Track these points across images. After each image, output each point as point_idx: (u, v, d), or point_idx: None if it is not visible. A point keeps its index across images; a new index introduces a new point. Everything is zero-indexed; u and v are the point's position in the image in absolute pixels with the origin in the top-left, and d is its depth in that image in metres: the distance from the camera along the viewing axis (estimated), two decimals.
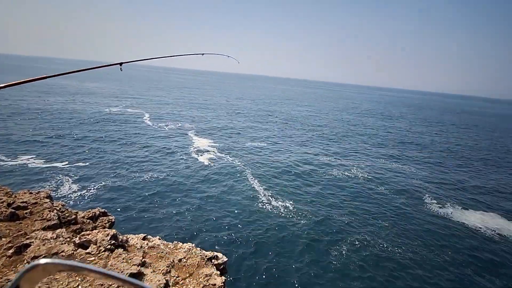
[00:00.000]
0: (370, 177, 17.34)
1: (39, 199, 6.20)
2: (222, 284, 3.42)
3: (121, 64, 4.09)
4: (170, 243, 4.22)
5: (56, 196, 11.48)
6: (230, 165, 16.97)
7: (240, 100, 58.12)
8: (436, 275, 8.61)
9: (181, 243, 4.22)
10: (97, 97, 41.62)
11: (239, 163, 17.48)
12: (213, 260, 3.93)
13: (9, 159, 14.57)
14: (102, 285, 2.83)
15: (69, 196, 11.59)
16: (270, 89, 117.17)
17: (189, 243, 4.18)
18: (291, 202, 12.60)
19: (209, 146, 20.93)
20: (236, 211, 11.36)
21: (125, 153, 17.54)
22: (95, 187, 12.41)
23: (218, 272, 3.79)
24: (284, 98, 74.47)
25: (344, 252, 9.32)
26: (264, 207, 11.97)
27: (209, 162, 17.08)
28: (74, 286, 2.75)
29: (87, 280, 2.85)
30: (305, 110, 49.04)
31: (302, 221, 11.02)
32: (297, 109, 49.82)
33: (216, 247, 8.57)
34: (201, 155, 18.36)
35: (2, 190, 6.73)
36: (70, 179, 12.97)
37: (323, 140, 26.78)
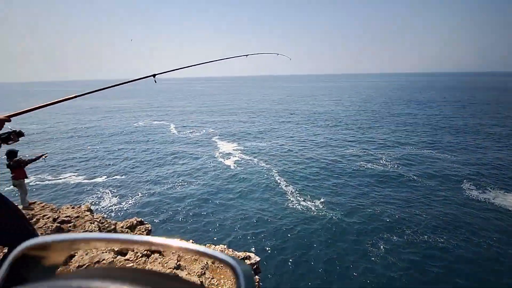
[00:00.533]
0: (401, 164, 16.48)
1: (80, 213, 6.63)
2: (257, 283, 3.40)
3: (154, 75, 4.26)
4: (203, 246, 4.29)
5: (97, 208, 12.23)
6: (255, 165, 17.02)
7: (259, 102, 58.25)
8: (487, 269, 7.90)
9: (214, 246, 4.28)
10: (125, 113, 43.91)
11: (264, 163, 17.48)
12: (246, 261, 3.93)
13: (53, 178, 15.81)
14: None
15: (109, 208, 12.28)
16: (283, 88, 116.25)
17: (221, 245, 4.22)
18: (319, 197, 12.33)
19: (233, 149, 21.15)
20: (264, 211, 11.34)
21: (155, 163, 18.30)
22: (131, 198, 13.04)
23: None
24: (300, 95, 73.35)
25: (381, 244, 8.89)
26: (293, 204, 11.83)
27: (235, 165, 17.26)
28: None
29: None
30: (325, 104, 47.93)
31: (332, 215, 10.74)
32: (316, 104, 48.89)
33: (247, 247, 8.59)
34: (227, 159, 18.62)
35: (48, 206, 7.30)
36: (109, 192, 13.77)
37: (349, 132, 25.98)
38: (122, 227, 7.05)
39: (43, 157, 4.73)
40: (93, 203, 12.76)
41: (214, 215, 11.20)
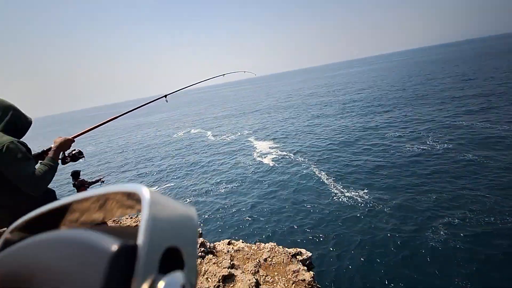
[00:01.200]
0: (452, 144, 14.97)
1: (138, 222, 7.23)
2: (312, 278, 3.36)
3: (166, 96, 4.74)
4: (253, 244, 4.37)
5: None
6: (294, 162, 16.85)
7: (288, 98, 57.53)
8: None
9: (263, 244, 4.33)
10: (163, 126, 46.65)
11: (303, 159, 17.23)
12: (297, 257, 3.91)
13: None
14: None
15: None
16: (303, 82, 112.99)
17: (271, 243, 4.25)
18: (364, 190, 11.70)
19: (269, 147, 21.22)
20: (308, 206, 11.17)
21: (198, 167, 19.20)
22: (184, 202, 13.82)
23: (305, 268, 3.74)
24: (327, 85, 70.62)
25: (438, 236, 8.15)
26: (337, 198, 11.45)
27: (274, 163, 17.30)
28: None
29: None
30: (355, 93, 45.49)
31: (379, 207, 10.13)
32: (347, 94, 46.67)
33: (297, 243, 8.53)
34: (265, 157, 18.75)
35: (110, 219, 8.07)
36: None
37: (386, 118, 24.38)
38: None
39: (101, 180, 5.29)
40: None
41: (258, 214, 11.36)
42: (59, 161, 2.23)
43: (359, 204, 10.60)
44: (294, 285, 3.32)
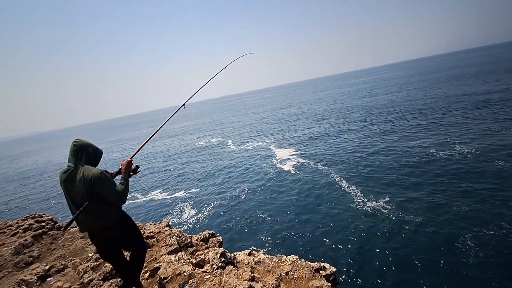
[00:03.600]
0: (480, 149, 13.90)
1: (161, 228, 7.32)
2: None
3: (183, 105, 5.26)
4: (275, 256, 4.23)
5: (174, 221, 13.44)
6: (315, 171, 16.47)
7: (308, 105, 56.92)
8: None
9: (284, 256, 4.18)
10: (185, 135, 47.91)
11: (325, 167, 16.81)
12: (321, 272, 3.71)
13: (143, 196, 18.29)
14: None
15: (184, 221, 13.36)
16: (323, 88, 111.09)
17: (293, 256, 4.09)
18: (389, 199, 11.12)
19: (290, 155, 20.97)
20: (331, 217, 10.75)
21: (221, 175, 19.41)
22: (202, 211, 13.98)
23: (329, 284, 3.54)
24: (347, 93, 68.96)
25: (475, 250, 7.49)
26: (360, 208, 10.95)
27: (294, 171, 17.03)
28: None
29: None
30: (380, 98, 43.98)
31: (404, 218, 9.54)
32: (370, 99, 45.26)
33: (319, 256, 8.20)
34: (286, 165, 18.56)
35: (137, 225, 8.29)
36: (188, 205, 15.14)
37: (413, 122, 23.21)
38: (197, 239, 7.52)
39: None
40: (171, 217, 14.08)
41: (280, 224, 11.13)
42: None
43: (384, 215, 10.06)
44: None
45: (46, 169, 39.91)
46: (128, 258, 3.35)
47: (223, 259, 3.80)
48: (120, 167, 3.06)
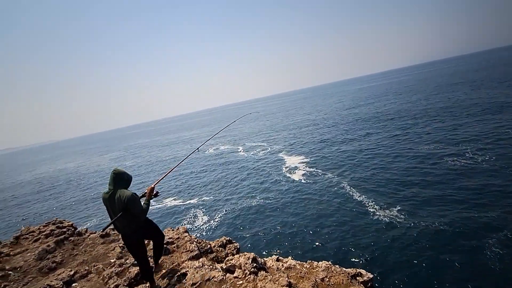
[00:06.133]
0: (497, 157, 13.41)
1: (180, 234, 7.22)
2: None
3: (198, 149, 5.47)
4: (305, 262, 4.08)
5: (190, 228, 13.35)
6: (329, 177, 16.20)
7: (318, 111, 56.66)
8: None
9: (316, 262, 4.02)
10: (194, 143, 48.18)
11: (338, 175, 16.54)
12: (357, 278, 3.54)
13: (157, 204, 18.36)
14: None
15: (200, 227, 13.24)
16: (328, 95, 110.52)
17: (325, 262, 3.92)
18: (409, 209, 10.73)
19: (299, 162, 20.74)
20: (349, 224, 10.47)
21: (233, 182, 19.29)
22: (218, 217, 13.85)
23: None
24: (357, 98, 68.36)
25: (496, 255, 7.14)
26: (380, 218, 10.59)
27: (308, 176, 16.80)
28: None
29: None
30: (392, 103, 43.39)
31: (429, 225, 9.22)
32: (382, 104, 44.68)
33: (355, 263, 7.91)
34: (296, 173, 18.33)
35: None
36: (201, 212, 15.09)
37: (431, 128, 22.70)
38: (215, 245, 7.40)
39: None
40: (186, 223, 14.01)
41: (300, 230, 10.88)
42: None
43: (407, 222, 9.72)
44: None
45: (64, 177, 40.66)
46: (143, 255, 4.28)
47: (255, 264, 3.67)
48: (146, 191, 4.16)
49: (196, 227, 13.45)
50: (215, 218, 13.87)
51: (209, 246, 6.64)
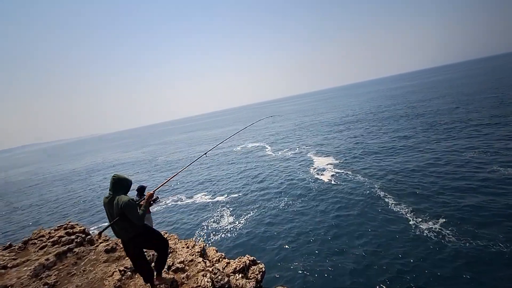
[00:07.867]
0: None
1: (194, 256, 6.08)
2: None
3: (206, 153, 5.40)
4: None
5: (213, 228, 12.60)
6: (360, 184, 14.17)
7: (344, 111, 52.41)
8: None
9: None
10: (219, 141, 47.57)
11: (366, 178, 14.68)
12: None
13: (187, 199, 18.08)
14: None
15: (224, 228, 12.41)
16: (358, 95, 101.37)
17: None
18: (443, 219, 9.21)
19: (327, 164, 18.82)
20: (380, 236, 8.87)
21: (261, 183, 18.14)
22: (243, 220, 12.90)
23: None
24: (384, 97, 61.67)
25: None
26: (410, 229, 8.89)
27: (337, 181, 14.94)
28: None
29: None
30: (419, 105, 38.05)
31: (466, 239, 7.21)
32: (409, 106, 39.61)
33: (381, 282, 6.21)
34: (325, 176, 16.65)
35: (170, 237, 7.20)
36: (227, 212, 14.36)
37: (464, 129, 19.06)
38: (234, 270, 6.17)
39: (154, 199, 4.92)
40: (210, 221, 13.24)
41: (329, 242, 9.32)
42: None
43: (437, 237, 7.82)
44: None
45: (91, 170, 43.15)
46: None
47: None
48: (145, 197, 4.20)
49: (220, 227, 12.60)
50: (241, 221, 12.88)
51: (226, 279, 5.37)
